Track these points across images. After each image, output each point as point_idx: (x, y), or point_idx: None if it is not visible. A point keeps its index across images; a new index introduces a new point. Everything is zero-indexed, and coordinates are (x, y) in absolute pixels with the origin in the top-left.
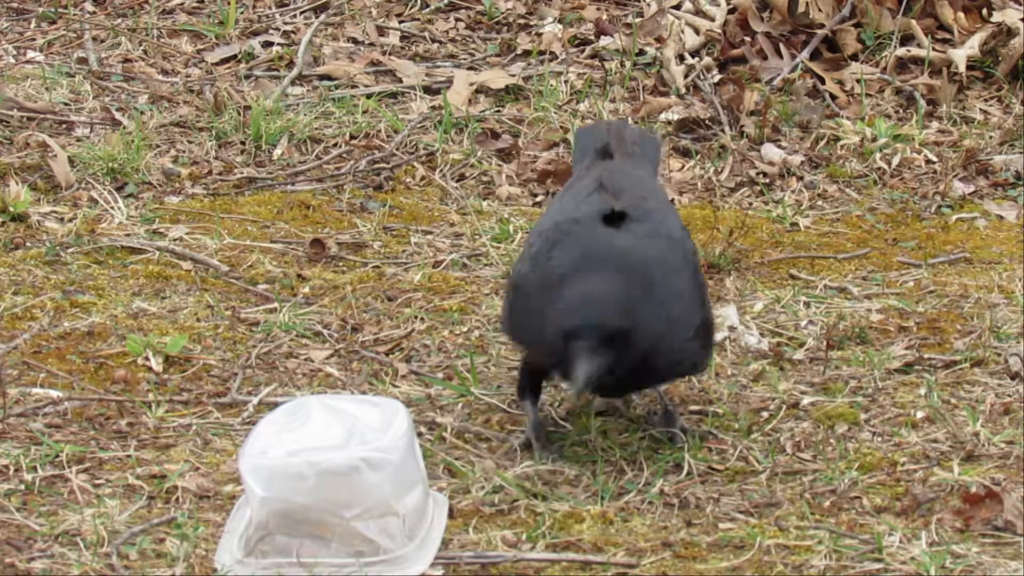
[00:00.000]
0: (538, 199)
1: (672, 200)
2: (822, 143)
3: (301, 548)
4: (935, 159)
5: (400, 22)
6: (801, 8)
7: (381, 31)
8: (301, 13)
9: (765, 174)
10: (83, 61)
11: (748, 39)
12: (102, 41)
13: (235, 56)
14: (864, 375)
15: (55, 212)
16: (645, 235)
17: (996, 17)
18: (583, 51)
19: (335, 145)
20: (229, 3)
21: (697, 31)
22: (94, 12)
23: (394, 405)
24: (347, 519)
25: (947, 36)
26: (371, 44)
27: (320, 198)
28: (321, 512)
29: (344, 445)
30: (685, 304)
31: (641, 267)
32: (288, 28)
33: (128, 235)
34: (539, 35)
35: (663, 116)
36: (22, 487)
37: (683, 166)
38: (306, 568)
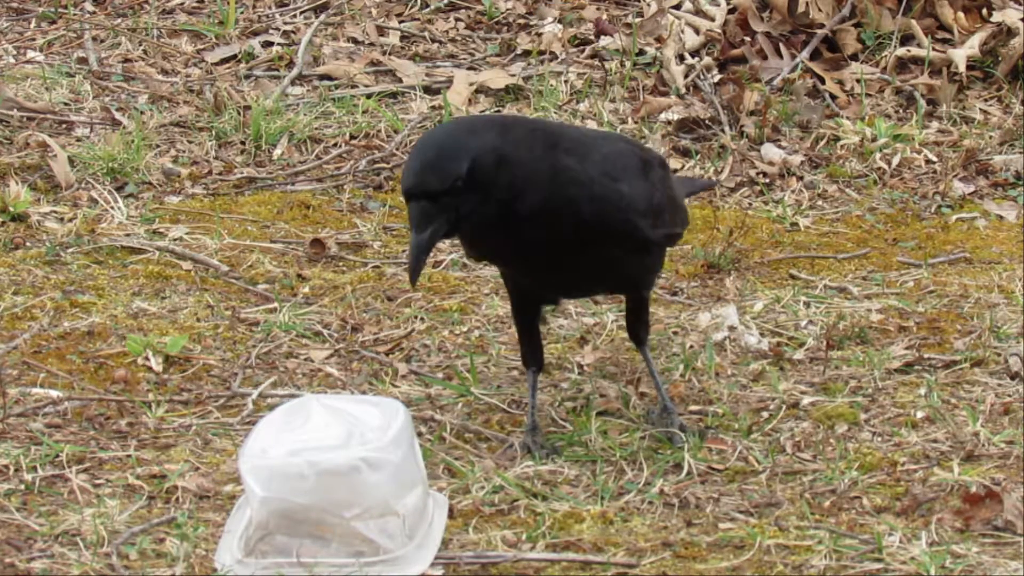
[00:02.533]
0: None
1: None
2: (822, 143)
3: (301, 548)
4: (935, 159)
5: (400, 22)
6: (801, 8)
7: (381, 31)
8: (301, 13)
9: (765, 174)
10: (83, 61)
11: (748, 39)
12: (102, 41)
13: (235, 56)
14: (864, 375)
15: (55, 212)
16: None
17: (996, 17)
18: (583, 51)
19: (335, 145)
20: (229, 3)
21: (697, 31)
22: (94, 12)
23: (394, 405)
24: (347, 519)
25: (947, 36)
26: (371, 44)
27: (320, 198)
28: (321, 512)
29: (344, 445)
30: (599, 148)
31: (538, 123)
32: (288, 28)
33: (128, 235)
34: (539, 35)
35: (663, 116)
36: (22, 487)
37: (683, 166)
38: (306, 568)
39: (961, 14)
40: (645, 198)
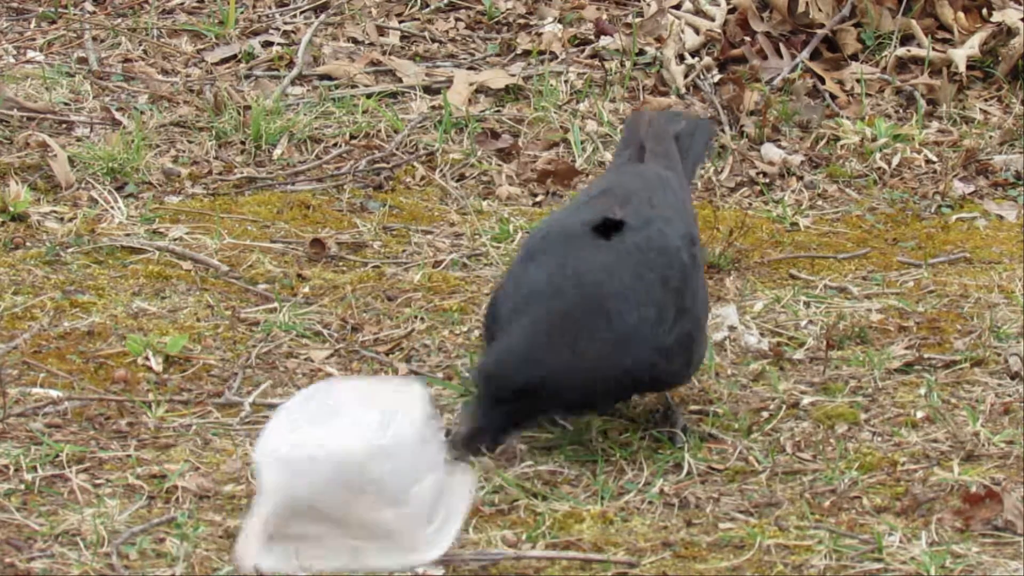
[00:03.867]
0: (538, 199)
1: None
2: (822, 143)
3: (316, 534)
4: (935, 159)
5: (400, 22)
6: (801, 8)
7: (381, 31)
8: (301, 13)
9: (765, 174)
10: (83, 61)
11: (748, 39)
12: (102, 41)
13: (235, 56)
14: (864, 375)
15: (55, 212)
16: (631, 250)
17: (996, 17)
18: (583, 51)
19: (335, 145)
20: (229, 3)
21: (697, 31)
22: (94, 12)
23: (415, 390)
24: (361, 505)
25: (947, 36)
26: (371, 44)
27: (320, 198)
28: (335, 499)
29: (360, 431)
30: (641, 332)
31: (590, 301)
32: (288, 28)
33: (128, 235)
34: (539, 35)
35: None
36: (22, 487)
37: None
38: (321, 555)
39: (961, 14)
40: (687, 356)
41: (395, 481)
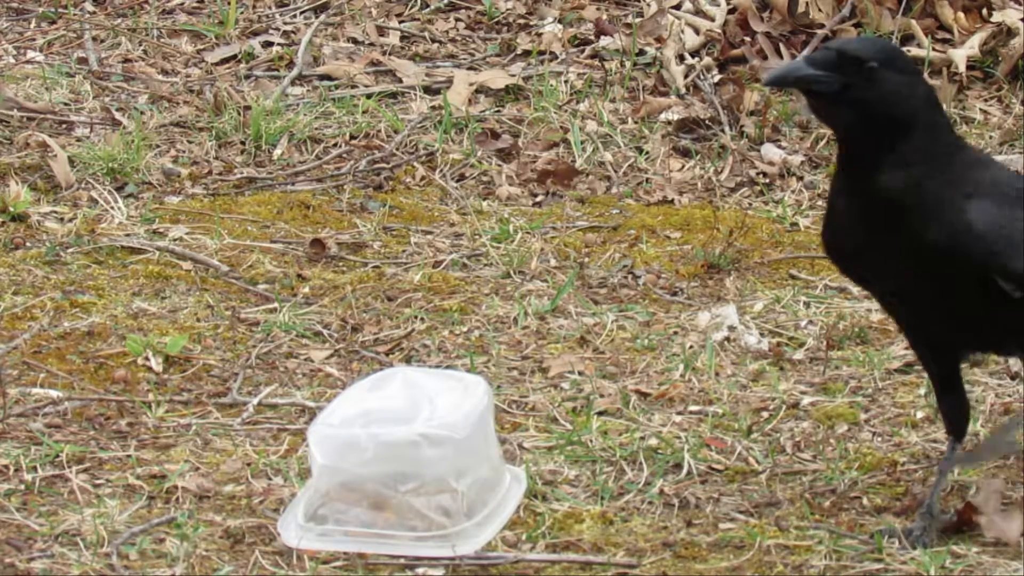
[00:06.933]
0: (538, 199)
1: (671, 200)
2: (822, 143)
3: (357, 517)
4: None
5: (400, 22)
6: (801, 8)
7: (381, 31)
8: (301, 13)
9: (765, 174)
10: (83, 61)
11: (748, 39)
12: (102, 41)
13: (235, 56)
14: (864, 375)
15: (55, 212)
16: None
17: (996, 17)
18: (583, 51)
19: (335, 145)
20: (229, 3)
21: (697, 31)
22: (94, 12)
23: (477, 382)
24: (402, 493)
25: (947, 36)
26: (371, 44)
27: (320, 198)
28: (377, 484)
29: (410, 419)
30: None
31: None
32: (288, 28)
33: (128, 235)
34: (539, 35)
35: (663, 116)
36: (22, 487)
37: (683, 166)
38: (359, 535)
39: (961, 14)
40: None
41: (439, 470)
